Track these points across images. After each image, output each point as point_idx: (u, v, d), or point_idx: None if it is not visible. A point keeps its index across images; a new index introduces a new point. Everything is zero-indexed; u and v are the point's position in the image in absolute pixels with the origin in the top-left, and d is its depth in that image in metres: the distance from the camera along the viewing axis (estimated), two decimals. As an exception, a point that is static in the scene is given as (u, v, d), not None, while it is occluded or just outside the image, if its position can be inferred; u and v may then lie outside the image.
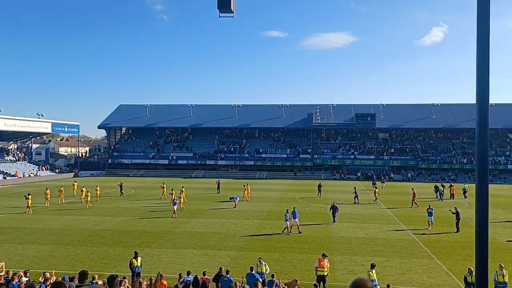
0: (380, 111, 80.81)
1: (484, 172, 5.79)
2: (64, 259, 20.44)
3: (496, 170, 71.18)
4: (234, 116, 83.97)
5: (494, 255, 20.18)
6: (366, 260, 20.25)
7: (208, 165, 79.12)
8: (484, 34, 5.55)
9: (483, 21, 5.59)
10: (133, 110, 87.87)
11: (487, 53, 5.56)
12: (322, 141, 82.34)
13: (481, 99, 5.55)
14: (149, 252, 21.68)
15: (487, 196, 5.72)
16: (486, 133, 5.76)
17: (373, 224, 29.91)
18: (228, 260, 20.18)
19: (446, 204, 39.51)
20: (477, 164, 5.83)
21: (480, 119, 5.62)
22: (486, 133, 5.74)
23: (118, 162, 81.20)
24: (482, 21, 5.59)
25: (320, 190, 46.95)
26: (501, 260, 18.30)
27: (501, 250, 22.31)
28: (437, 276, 18.32)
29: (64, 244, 23.26)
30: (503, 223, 30.29)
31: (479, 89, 5.55)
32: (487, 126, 5.77)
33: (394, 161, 75.67)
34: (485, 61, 5.53)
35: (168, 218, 31.48)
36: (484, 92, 5.54)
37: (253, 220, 30.67)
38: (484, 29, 5.54)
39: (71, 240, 24.22)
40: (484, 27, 5.54)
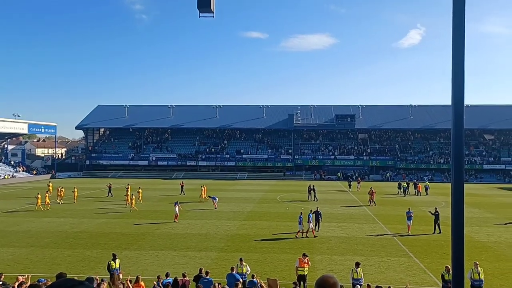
0: (359, 112, 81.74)
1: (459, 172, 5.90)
2: (40, 262, 20.02)
3: (472, 170, 72.82)
4: (215, 117, 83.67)
5: (470, 253, 20.63)
6: (346, 259, 20.46)
7: (188, 166, 78.61)
8: (459, 37, 5.66)
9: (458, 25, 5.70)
10: (112, 110, 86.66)
11: (462, 55, 5.67)
12: (303, 141, 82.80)
13: (456, 100, 5.65)
14: (128, 254, 21.41)
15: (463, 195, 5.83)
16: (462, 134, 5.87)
17: (352, 223, 30.22)
18: (208, 261, 20.09)
19: (420, 202, 40.22)
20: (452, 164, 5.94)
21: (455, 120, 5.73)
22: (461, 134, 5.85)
23: (96, 163, 79.98)
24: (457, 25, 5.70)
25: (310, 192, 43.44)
26: (477, 258, 18.73)
27: (476, 248, 22.82)
28: (415, 274, 18.62)
29: (40, 247, 22.78)
30: (479, 222, 30.99)
31: (454, 90, 5.66)
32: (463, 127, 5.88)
33: (373, 161, 76.65)
34: (460, 63, 5.64)
35: (147, 219, 31.15)
36: (459, 94, 5.65)
37: (234, 221, 30.61)
38: (459, 32, 5.65)
39: (47, 243, 23.73)
40: (459, 31, 5.65)
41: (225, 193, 49.35)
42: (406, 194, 47.61)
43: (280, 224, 29.75)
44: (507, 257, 21.49)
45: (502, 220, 32.29)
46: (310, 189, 43.86)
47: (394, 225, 29.31)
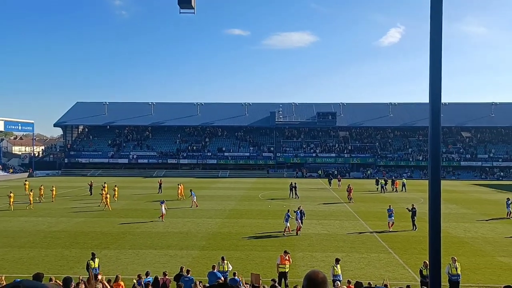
0: (340, 110, 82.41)
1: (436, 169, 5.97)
2: (17, 262, 19.60)
3: (450, 166, 74.24)
4: (197, 115, 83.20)
5: (448, 248, 21.05)
6: (327, 256, 20.62)
7: (170, 164, 78.02)
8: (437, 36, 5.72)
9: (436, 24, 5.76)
10: (91, 107, 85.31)
11: (439, 54, 5.73)
12: (284, 139, 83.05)
13: (434, 98, 5.72)
14: (107, 253, 21.14)
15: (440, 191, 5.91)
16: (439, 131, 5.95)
17: (333, 220, 30.48)
18: (189, 260, 19.99)
19: (399, 199, 40.84)
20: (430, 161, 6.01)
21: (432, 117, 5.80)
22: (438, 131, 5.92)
23: (75, 162, 78.69)
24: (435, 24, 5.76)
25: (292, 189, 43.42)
26: (454, 253, 19.10)
27: (454, 244, 23.29)
28: (394, 270, 18.89)
29: (17, 247, 22.29)
30: (456, 218, 31.62)
31: (432, 88, 5.72)
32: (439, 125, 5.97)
33: (354, 159, 77.43)
34: (438, 62, 5.71)
35: (127, 218, 30.81)
36: (436, 92, 5.71)
37: (216, 219, 30.52)
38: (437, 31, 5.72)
39: (24, 242, 23.25)
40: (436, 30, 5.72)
41: (206, 191, 49.21)
42: (384, 191, 48.94)
43: (262, 221, 29.81)
44: (484, 252, 21.99)
45: (478, 216, 33.00)
46: (291, 186, 43.99)
47: (374, 222, 29.68)
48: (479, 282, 17.19)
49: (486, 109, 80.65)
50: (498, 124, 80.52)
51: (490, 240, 24.56)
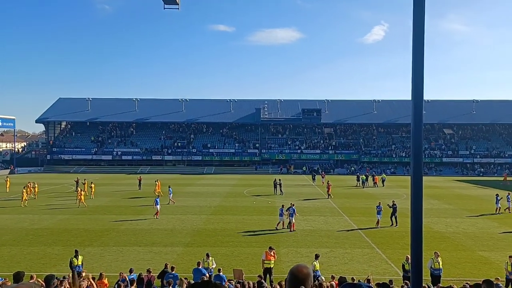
0: (325, 107, 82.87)
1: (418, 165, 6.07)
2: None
3: (432, 163, 75.37)
4: (182, 111, 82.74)
5: (430, 243, 21.40)
6: (311, 252, 20.74)
7: (154, 160, 77.50)
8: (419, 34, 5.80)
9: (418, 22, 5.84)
10: (74, 103, 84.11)
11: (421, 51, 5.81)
12: (270, 136, 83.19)
13: (416, 95, 5.80)
14: (91, 250, 20.94)
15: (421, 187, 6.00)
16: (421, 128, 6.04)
17: (318, 216, 30.69)
18: (174, 257, 19.93)
19: (383, 195, 41.36)
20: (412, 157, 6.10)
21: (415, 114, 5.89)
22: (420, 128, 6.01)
23: (57, 158, 77.59)
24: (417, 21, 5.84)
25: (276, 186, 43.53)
26: (436, 248, 19.44)
27: (436, 239, 23.68)
28: (377, 265, 19.14)
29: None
30: (438, 213, 32.14)
31: (414, 86, 5.81)
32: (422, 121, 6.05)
33: (339, 155, 78.02)
34: (420, 59, 5.79)
35: (110, 215, 30.52)
36: (418, 89, 5.80)
37: (201, 216, 30.45)
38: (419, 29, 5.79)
39: (6, 240, 22.86)
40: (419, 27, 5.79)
41: (192, 187, 49.06)
42: (365, 186, 50.39)
43: (247, 218, 29.86)
44: (464, 247, 22.42)
45: (459, 211, 33.58)
46: (276, 183, 44.13)
47: (358, 218, 29.98)
48: (459, 276, 17.52)
49: (468, 107, 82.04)
50: (479, 121, 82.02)
51: (470, 235, 25.04)
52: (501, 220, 29.65)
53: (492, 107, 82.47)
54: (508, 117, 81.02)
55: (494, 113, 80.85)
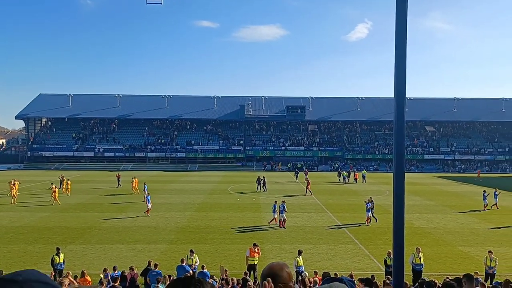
0: (309, 104, 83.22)
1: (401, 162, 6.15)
2: (-24, 259, 18.86)
3: (414, 160, 76.43)
4: (165, 107, 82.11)
5: (411, 239, 21.73)
6: (295, 248, 20.83)
7: (137, 157, 76.78)
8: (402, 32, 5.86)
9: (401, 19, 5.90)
10: (55, 99, 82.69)
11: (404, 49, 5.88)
12: (254, 132, 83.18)
13: (398, 93, 5.87)
14: (73, 248, 20.68)
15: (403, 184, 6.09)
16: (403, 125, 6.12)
17: (302, 213, 30.85)
18: (157, 254, 19.81)
19: (366, 192, 41.81)
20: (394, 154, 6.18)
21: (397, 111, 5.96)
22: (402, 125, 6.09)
23: (38, 155, 76.21)
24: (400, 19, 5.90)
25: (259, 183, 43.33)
26: (418, 243, 19.75)
27: (417, 234, 24.05)
28: (360, 261, 19.37)
29: (-24, 244, 21.46)
30: (419, 209, 32.63)
31: (396, 83, 5.88)
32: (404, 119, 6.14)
33: (323, 152, 78.50)
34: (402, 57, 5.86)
35: (93, 213, 30.17)
36: (401, 87, 5.87)
37: (185, 213, 30.32)
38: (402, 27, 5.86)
39: (-16, 239, 22.40)
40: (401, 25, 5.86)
41: (175, 184, 48.80)
42: (346, 182, 51.49)
43: (231, 215, 29.85)
44: (445, 242, 22.83)
45: (440, 207, 34.15)
46: (259, 180, 43.96)
47: (341, 214, 30.24)
48: (440, 270, 17.84)
49: (449, 104, 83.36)
50: (460, 119, 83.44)
51: (451, 230, 25.50)
52: (481, 216, 30.27)
53: (473, 105, 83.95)
54: (488, 115, 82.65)
55: (474, 110, 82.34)
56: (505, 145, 79.91)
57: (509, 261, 19.12)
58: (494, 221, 28.53)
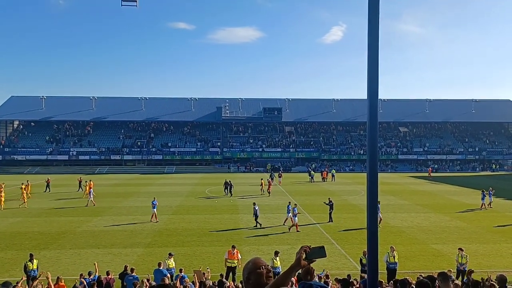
0: (286, 105, 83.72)
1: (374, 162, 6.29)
2: None
3: (388, 160, 77.83)
4: (141, 109, 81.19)
5: (386, 238, 22.15)
6: (273, 249, 20.92)
7: (113, 160, 75.62)
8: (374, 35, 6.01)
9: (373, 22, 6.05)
10: (27, 102, 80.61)
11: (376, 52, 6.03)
12: (231, 134, 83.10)
13: (372, 94, 6.02)
14: (47, 254, 20.22)
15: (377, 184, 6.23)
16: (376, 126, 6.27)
17: (279, 214, 30.96)
18: (134, 258, 19.60)
19: (341, 192, 42.34)
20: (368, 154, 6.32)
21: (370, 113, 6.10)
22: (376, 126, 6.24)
23: (10, 159, 74.14)
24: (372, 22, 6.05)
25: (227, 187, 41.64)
26: (392, 242, 20.15)
27: (392, 233, 24.52)
28: (336, 260, 19.61)
29: None
30: (394, 208, 33.23)
31: (369, 85, 6.01)
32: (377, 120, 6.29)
33: (299, 153, 79.06)
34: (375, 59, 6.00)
35: (67, 217, 29.57)
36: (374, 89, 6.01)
37: (161, 216, 29.98)
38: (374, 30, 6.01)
39: (-47, 246, 21.67)
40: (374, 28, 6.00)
41: (152, 187, 48.28)
42: (313, 181, 54.36)
43: (209, 217, 29.76)
44: (419, 241, 23.35)
45: (414, 206, 34.85)
46: (226, 183, 42.01)
47: (318, 214, 30.50)
48: (414, 268, 18.23)
49: (421, 106, 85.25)
50: (432, 120, 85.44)
51: (424, 229, 26.10)
52: (453, 215, 31.04)
53: (444, 106, 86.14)
54: (459, 116, 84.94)
55: (446, 111, 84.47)
56: (475, 145, 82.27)
57: (479, 258, 19.71)
58: (466, 219, 29.35)
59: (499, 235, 24.49)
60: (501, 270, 15.92)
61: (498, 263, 19.20)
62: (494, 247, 21.89)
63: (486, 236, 24.41)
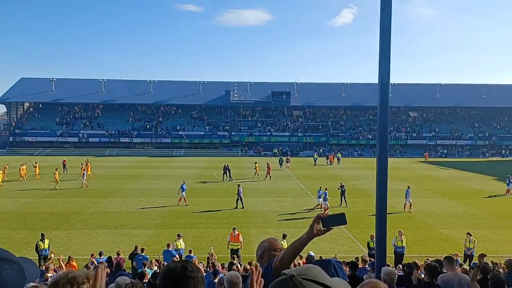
0: (294, 89, 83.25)
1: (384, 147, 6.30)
2: (-41, 246, 18.66)
3: (398, 145, 77.41)
4: (150, 92, 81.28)
5: (394, 222, 22.16)
6: (280, 232, 21.08)
7: (122, 143, 76.16)
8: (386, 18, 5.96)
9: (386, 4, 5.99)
10: (37, 84, 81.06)
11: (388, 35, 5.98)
12: (239, 118, 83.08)
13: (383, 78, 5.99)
14: (58, 234, 20.61)
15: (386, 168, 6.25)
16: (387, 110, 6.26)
17: (287, 197, 31.18)
18: (144, 239, 19.89)
19: (351, 177, 42.38)
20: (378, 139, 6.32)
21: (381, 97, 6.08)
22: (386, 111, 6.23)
23: (20, 140, 75.01)
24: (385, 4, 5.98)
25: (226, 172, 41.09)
26: (400, 226, 20.21)
27: (399, 218, 24.58)
28: (344, 244, 19.75)
29: (-42, 230, 21.22)
30: (402, 193, 33.16)
31: (381, 69, 5.98)
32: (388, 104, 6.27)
33: (307, 138, 78.92)
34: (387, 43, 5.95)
35: (78, 198, 30.00)
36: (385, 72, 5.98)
37: (170, 198, 30.32)
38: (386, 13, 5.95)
39: (-33, 226, 22.16)
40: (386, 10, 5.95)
41: (161, 170, 48.68)
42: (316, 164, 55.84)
43: (217, 200, 30.01)
44: (426, 225, 23.40)
45: (422, 191, 34.77)
46: (225, 168, 41.42)
47: (326, 198, 30.56)
48: (421, 252, 18.32)
49: (432, 90, 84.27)
50: (442, 104, 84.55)
51: (432, 214, 26.11)
52: (461, 200, 30.97)
53: (455, 90, 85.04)
54: (469, 100, 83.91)
55: (456, 96, 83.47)
56: (485, 130, 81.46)
57: (487, 243, 19.73)
58: (474, 204, 29.28)
59: (508, 221, 24.44)
60: (510, 255, 15.94)
61: (507, 248, 19.22)
62: (502, 233, 21.88)
63: (494, 221, 24.38)
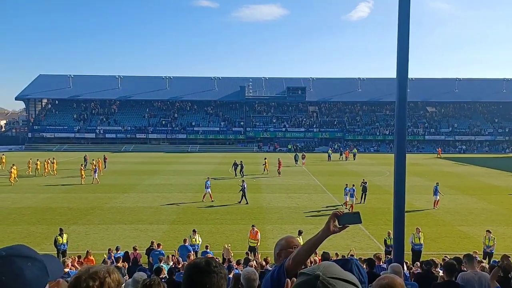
0: (310, 85, 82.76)
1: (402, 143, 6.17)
2: (-20, 240, 19.09)
3: (415, 140, 76.38)
4: (165, 89, 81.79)
5: (411, 219, 21.88)
6: (296, 228, 21.02)
7: (138, 139, 76.91)
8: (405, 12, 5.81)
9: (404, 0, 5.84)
10: (55, 80, 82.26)
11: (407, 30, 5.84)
12: (254, 114, 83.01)
13: (401, 73, 5.85)
14: (76, 229, 20.91)
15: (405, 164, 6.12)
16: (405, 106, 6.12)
17: (302, 193, 31.05)
18: (160, 234, 20.04)
19: (368, 173, 42.00)
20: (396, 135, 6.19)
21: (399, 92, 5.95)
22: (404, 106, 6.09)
23: (39, 136, 76.34)
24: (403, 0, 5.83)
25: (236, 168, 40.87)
26: (417, 223, 19.93)
27: (417, 214, 24.27)
28: (360, 240, 19.58)
29: (-20, 225, 21.69)
30: (419, 190, 32.78)
31: (399, 64, 5.85)
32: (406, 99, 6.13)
33: (323, 133, 78.44)
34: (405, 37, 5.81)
35: (95, 194, 30.39)
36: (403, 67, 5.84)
37: (186, 193, 30.53)
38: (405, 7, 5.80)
39: (-12, 220, 22.63)
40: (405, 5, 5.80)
41: (176, 165, 49.00)
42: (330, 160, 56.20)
43: (232, 195, 30.01)
44: (444, 222, 23.05)
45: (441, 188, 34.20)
46: (236, 165, 41.20)
47: (341, 195, 30.32)
48: (439, 250, 18.06)
49: (450, 85, 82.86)
50: (461, 99, 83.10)
51: (450, 211, 25.71)
52: (480, 196, 30.43)
53: (474, 85, 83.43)
54: (488, 95, 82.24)
55: (475, 91, 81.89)
56: (505, 125, 79.80)
57: (507, 241, 19.35)
58: (493, 201, 28.73)
59: (528, 218, 23.92)
60: (530, 254, 15.59)
61: (527, 246, 18.80)
62: (522, 230, 21.41)
63: (515, 219, 23.88)
